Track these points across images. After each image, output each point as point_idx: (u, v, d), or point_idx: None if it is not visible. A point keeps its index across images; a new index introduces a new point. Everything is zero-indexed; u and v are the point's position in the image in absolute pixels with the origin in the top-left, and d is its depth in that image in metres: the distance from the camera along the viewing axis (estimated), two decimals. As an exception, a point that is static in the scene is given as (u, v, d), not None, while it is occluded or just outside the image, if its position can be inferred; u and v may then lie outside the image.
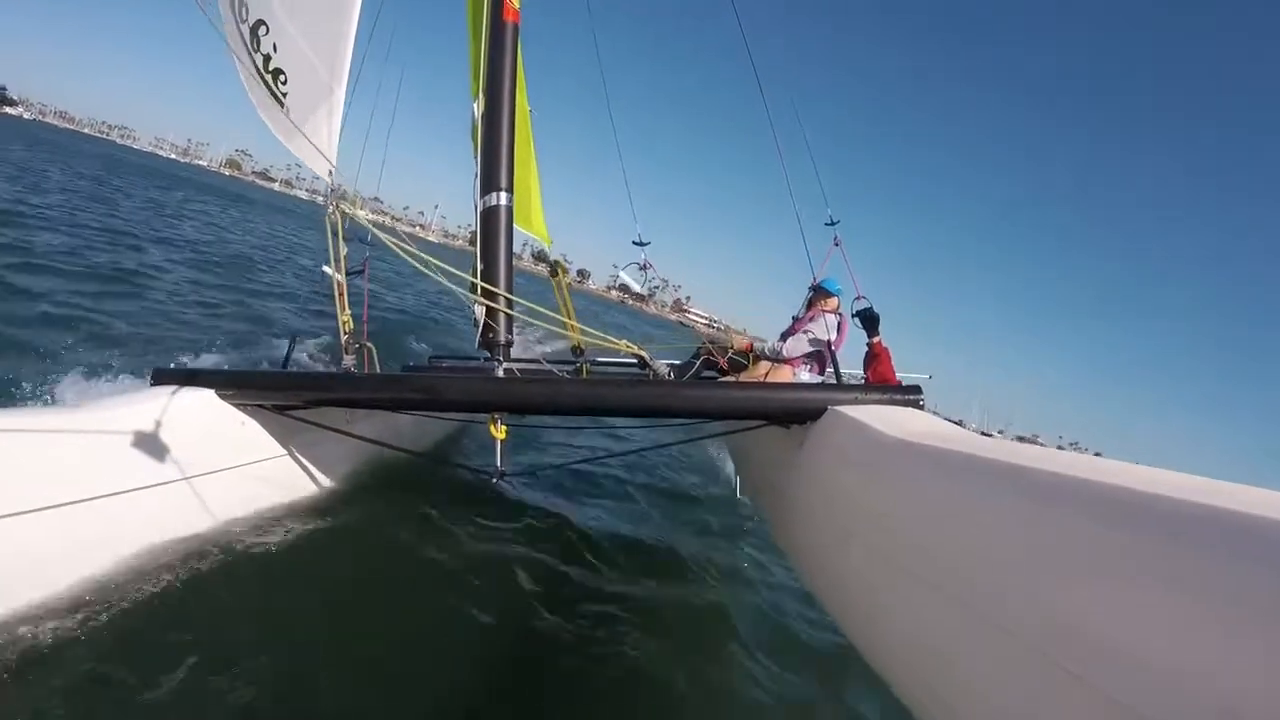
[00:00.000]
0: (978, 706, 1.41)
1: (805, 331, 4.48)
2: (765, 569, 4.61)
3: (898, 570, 1.80)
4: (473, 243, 3.63)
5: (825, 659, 3.47)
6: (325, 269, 3.35)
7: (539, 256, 6.17)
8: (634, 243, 5.08)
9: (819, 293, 4.60)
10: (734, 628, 3.57)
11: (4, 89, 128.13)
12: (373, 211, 3.69)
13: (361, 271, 3.78)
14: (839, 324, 4.47)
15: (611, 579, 3.68)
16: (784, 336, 4.61)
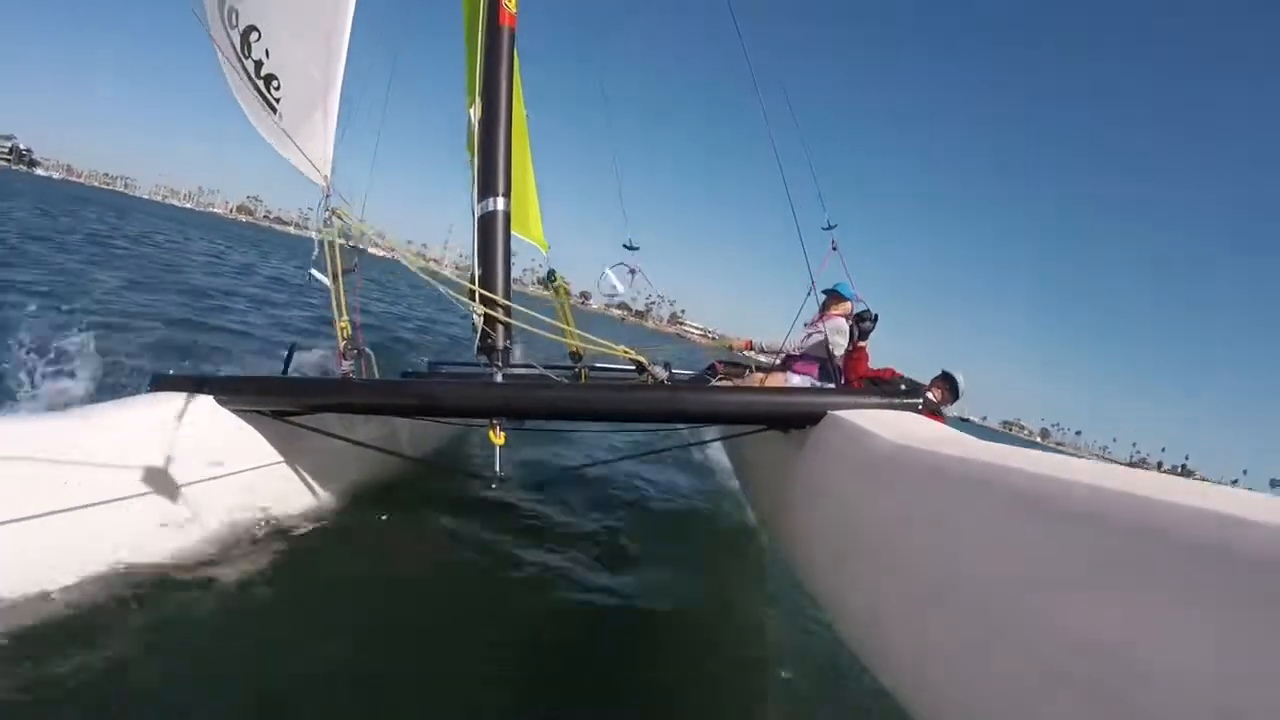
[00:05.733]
0: (978, 712, 1.36)
1: (808, 334, 4.32)
2: (763, 567, 4.40)
3: (897, 576, 1.75)
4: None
5: (825, 666, 3.24)
6: (313, 272, 3.20)
7: (544, 282, 6.01)
8: (624, 246, 4.92)
9: (831, 296, 4.41)
10: (731, 630, 3.43)
11: (30, 151, 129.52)
12: (374, 247, 3.54)
13: (351, 271, 3.59)
14: (849, 330, 4.25)
15: (613, 584, 3.52)
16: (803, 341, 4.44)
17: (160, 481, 2.39)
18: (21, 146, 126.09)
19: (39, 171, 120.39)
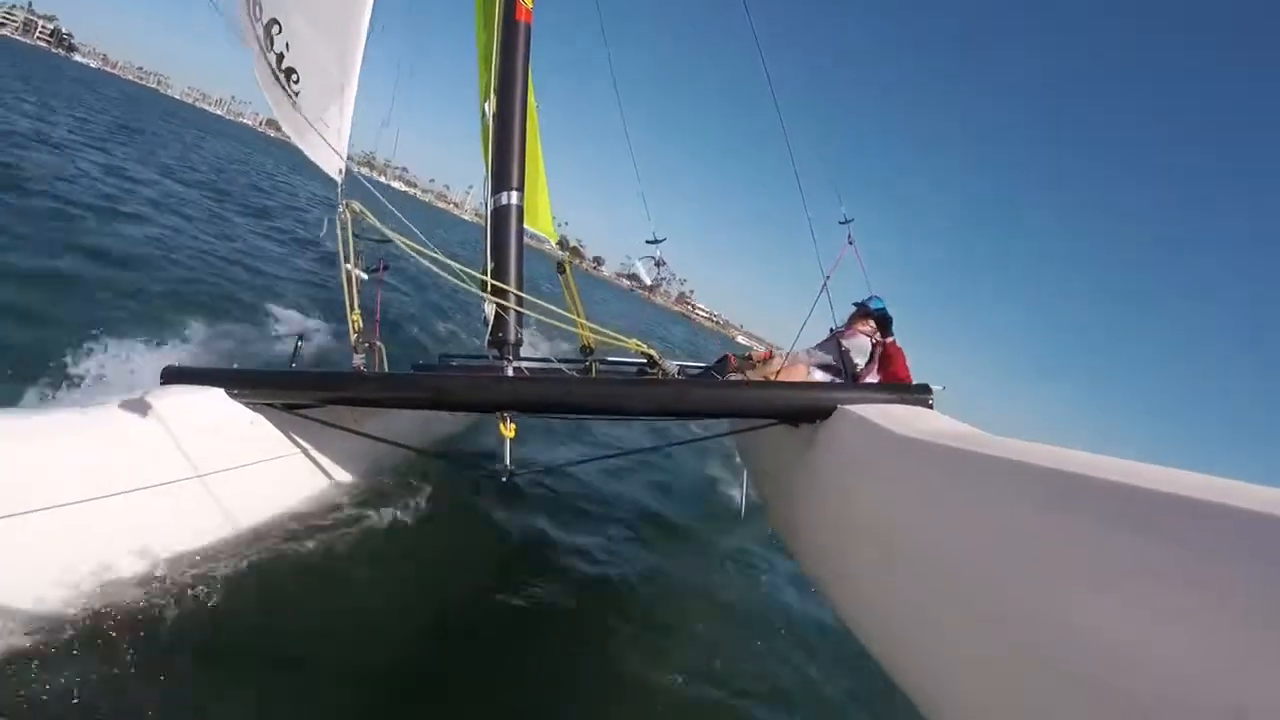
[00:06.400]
0: (987, 708, 1.36)
1: (831, 341, 4.21)
2: (766, 567, 4.57)
3: (906, 570, 1.73)
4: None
5: (821, 662, 3.43)
6: (348, 266, 3.20)
7: (562, 245, 6.13)
8: (648, 241, 5.04)
9: (860, 310, 4.32)
10: (735, 627, 3.58)
11: (70, 35, 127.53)
12: (398, 180, 3.53)
13: (376, 270, 3.58)
14: (872, 347, 4.17)
15: (619, 577, 3.62)
16: (820, 347, 4.33)
17: (171, 474, 2.38)
18: (63, 30, 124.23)
19: (77, 58, 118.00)
